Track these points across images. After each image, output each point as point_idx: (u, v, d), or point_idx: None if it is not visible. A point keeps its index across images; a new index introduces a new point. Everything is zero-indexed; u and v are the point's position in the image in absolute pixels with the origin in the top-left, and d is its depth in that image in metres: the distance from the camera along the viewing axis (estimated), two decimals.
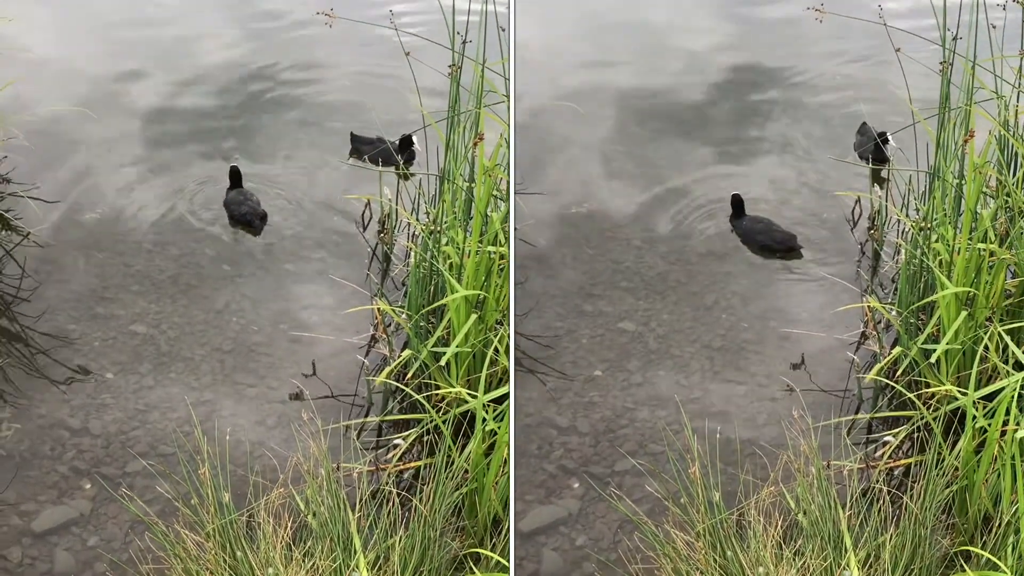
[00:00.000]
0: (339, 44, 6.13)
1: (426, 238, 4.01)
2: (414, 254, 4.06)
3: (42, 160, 5.19)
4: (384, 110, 5.49)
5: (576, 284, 4.35)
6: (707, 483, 3.27)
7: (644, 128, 5.49)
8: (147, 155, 5.33)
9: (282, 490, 3.36)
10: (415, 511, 3.21)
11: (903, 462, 3.58)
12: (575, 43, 6.16)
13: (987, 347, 3.61)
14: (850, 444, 3.63)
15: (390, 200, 4.71)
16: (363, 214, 4.90)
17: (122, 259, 4.59)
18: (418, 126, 4.59)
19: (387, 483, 3.45)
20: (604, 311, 4.21)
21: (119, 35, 6.42)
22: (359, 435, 3.75)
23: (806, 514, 3.20)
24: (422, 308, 3.93)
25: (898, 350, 3.83)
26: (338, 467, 3.52)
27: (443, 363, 3.70)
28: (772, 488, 3.35)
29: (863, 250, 4.62)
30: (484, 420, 3.29)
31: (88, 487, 3.55)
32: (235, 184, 5.04)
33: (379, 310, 4.15)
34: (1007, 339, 3.50)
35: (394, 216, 4.71)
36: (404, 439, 3.65)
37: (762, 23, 6.47)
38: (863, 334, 4.12)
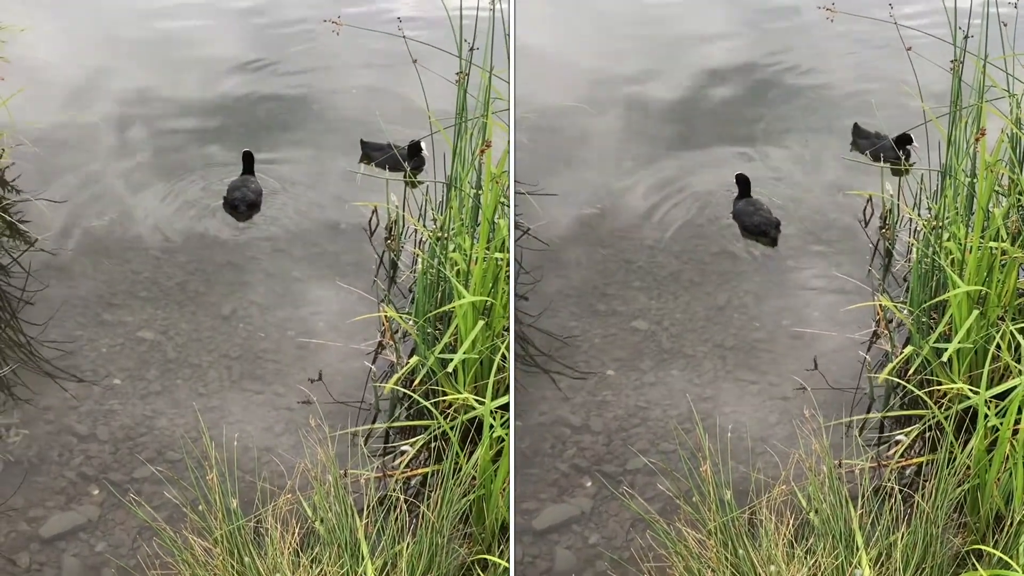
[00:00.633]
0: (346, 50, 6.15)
1: (433, 244, 4.01)
2: (421, 260, 4.06)
3: (50, 166, 5.21)
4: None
5: (590, 283, 4.35)
6: (719, 481, 3.26)
7: (656, 129, 5.48)
8: (154, 161, 5.35)
9: (289, 496, 3.36)
10: (422, 517, 3.20)
11: (915, 461, 3.57)
12: (588, 45, 6.16)
13: (999, 346, 3.59)
14: (862, 443, 3.62)
15: (397, 207, 4.72)
16: (370, 220, 4.91)
17: (129, 266, 4.60)
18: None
19: (394, 489, 3.45)
20: (617, 310, 4.20)
21: (128, 42, 6.46)
22: (366, 441, 3.74)
23: (817, 512, 3.18)
24: (429, 315, 3.93)
25: (910, 349, 3.82)
26: (345, 473, 3.51)
27: (450, 369, 3.70)
28: (783, 487, 3.34)
29: (875, 249, 4.60)
30: (491, 427, 3.28)
31: (96, 493, 3.55)
32: (246, 170, 5.08)
33: (386, 317, 4.15)
34: (1019, 338, 3.49)
35: (401, 223, 4.71)
36: (411, 445, 3.65)
37: (775, 24, 6.46)
38: (875, 333, 4.10)
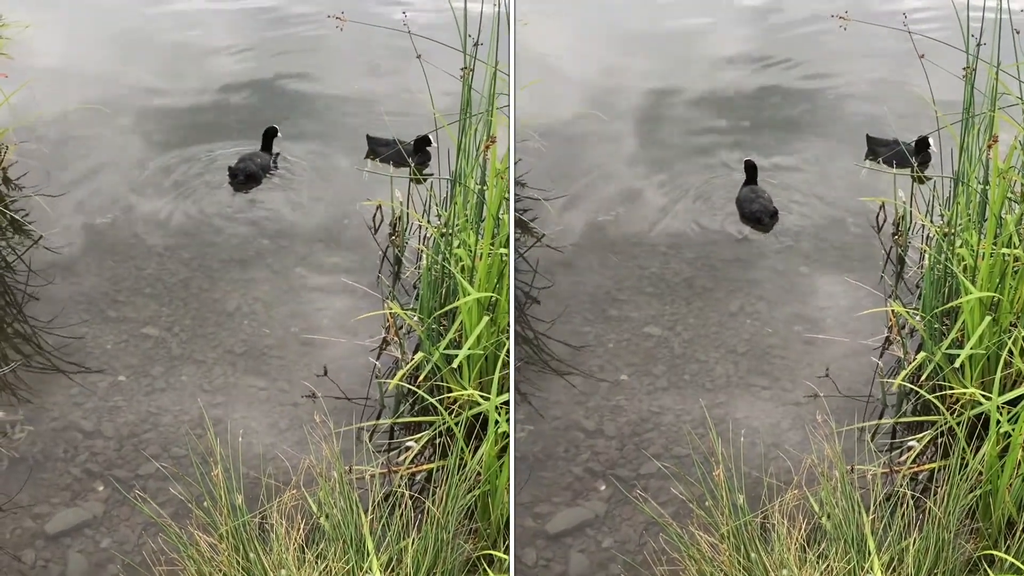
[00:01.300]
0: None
1: (438, 240, 4.00)
2: (426, 257, 4.05)
3: (54, 164, 5.21)
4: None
5: (603, 289, 4.35)
6: (731, 486, 3.26)
7: (669, 136, 5.48)
8: (157, 158, 5.35)
9: (294, 492, 3.35)
10: (428, 513, 3.20)
11: (927, 467, 3.56)
12: (602, 54, 6.16)
13: (1011, 352, 3.59)
14: (874, 448, 3.62)
15: (401, 203, 4.71)
16: (374, 216, 4.90)
17: (134, 262, 4.60)
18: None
19: (399, 485, 3.44)
20: (630, 316, 4.21)
21: (129, 40, 6.46)
22: (371, 437, 3.74)
23: (830, 517, 3.18)
24: (434, 311, 3.92)
25: (922, 355, 3.82)
26: (350, 469, 3.51)
27: (455, 365, 3.69)
28: (796, 491, 3.34)
29: (888, 255, 4.60)
30: (496, 422, 3.28)
31: (101, 489, 3.55)
32: (264, 147, 5.20)
33: (391, 313, 4.14)
34: None
35: (405, 219, 4.71)
36: (416, 441, 3.64)
37: (786, 31, 6.47)
38: (887, 339, 4.11)
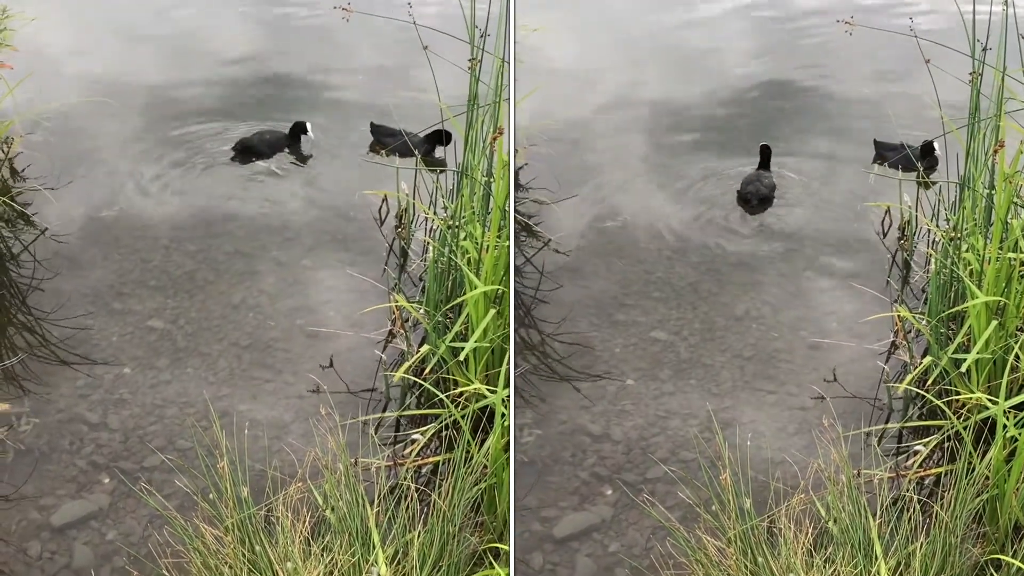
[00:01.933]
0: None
1: (444, 233, 3.99)
2: (432, 249, 4.04)
3: (60, 155, 5.20)
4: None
5: (609, 294, 4.34)
6: (738, 490, 3.25)
7: (676, 142, 5.46)
8: (164, 151, 5.34)
9: (300, 485, 3.35)
10: (434, 506, 3.19)
11: (933, 471, 3.55)
12: (611, 59, 6.14)
13: (1018, 356, 3.58)
14: (880, 453, 3.61)
15: (407, 195, 4.69)
16: (380, 209, 4.89)
17: (139, 255, 4.59)
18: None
19: (405, 478, 3.43)
20: (637, 320, 4.20)
21: (138, 30, 6.44)
22: (377, 430, 3.73)
23: (836, 522, 3.17)
24: (440, 303, 3.91)
25: (928, 359, 3.81)
26: (356, 462, 3.50)
27: (462, 358, 3.68)
28: (802, 496, 3.34)
29: (893, 260, 4.59)
30: (503, 416, 3.27)
31: (107, 481, 3.55)
32: (293, 135, 5.23)
33: (397, 305, 4.13)
34: None
35: (411, 211, 4.69)
36: (422, 434, 3.63)
37: (794, 37, 6.44)
38: (893, 344, 4.10)
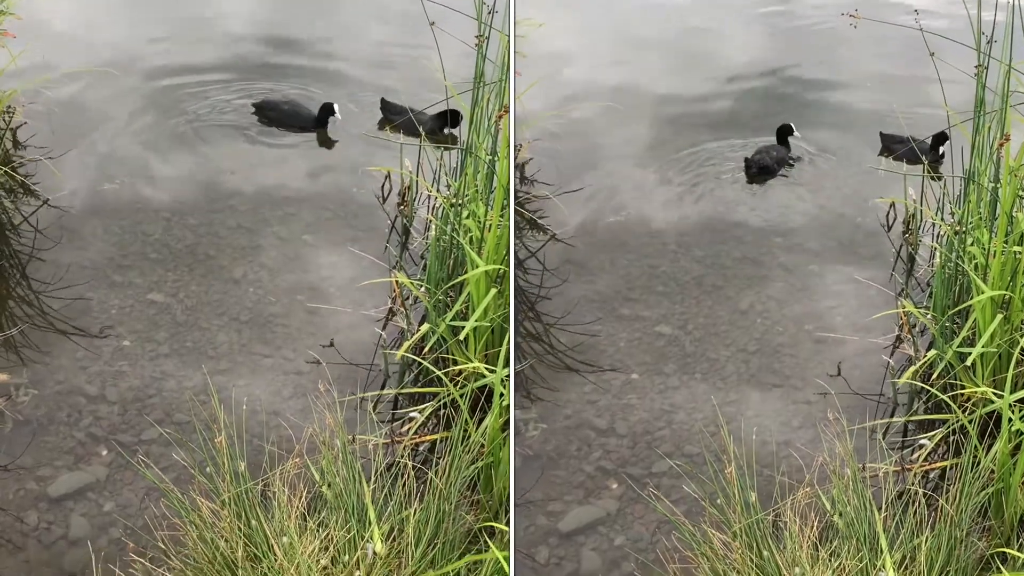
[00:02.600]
0: None
1: (447, 210, 3.96)
2: (434, 227, 4.01)
3: (62, 125, 5.18)
4: None
5: (613, 288, 4.32)
6: (743, 484, 3.24)
7: (681, 135, 5.42)
8: (164, 123, 5.31)
9: (297, 460, 3.35)
10: (430, 484, 3.19)
11: (938, 465, 3.55)
12: (615, 53, 6.09)
13: (1023, 350, 3.55)
14: (885, 447, 3.60)
15: (411, 172, 4.67)
16: (383, 186, 4.86)
17: (140, 227, 4.58)
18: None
19: (402, 456, 3.43)
20: (641, 315, 4.18)
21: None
22: (375, 407, 3.73)
23: (842, 515, 3.17)
24: (441, 281, 3.89)
25: (933, 353, 3.80)
26: (353, 439, 3.50)
27: (462, 337, 3.67)
28: (808, 489, 3.33)
29: (898, 254, 4.56)
30: (501, 395, 3.26)
31: (104, 453, 3.55)
32: (322, 119, 5.15)
33: (397, 283, 4.11)
34: None
35: (414, 188, 4.67)
36: (420, 412, 3.63)
37: (797, 29, 6.39)
38: (898, 338, 4.08)
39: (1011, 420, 3.25)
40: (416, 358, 3.78)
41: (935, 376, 3.76)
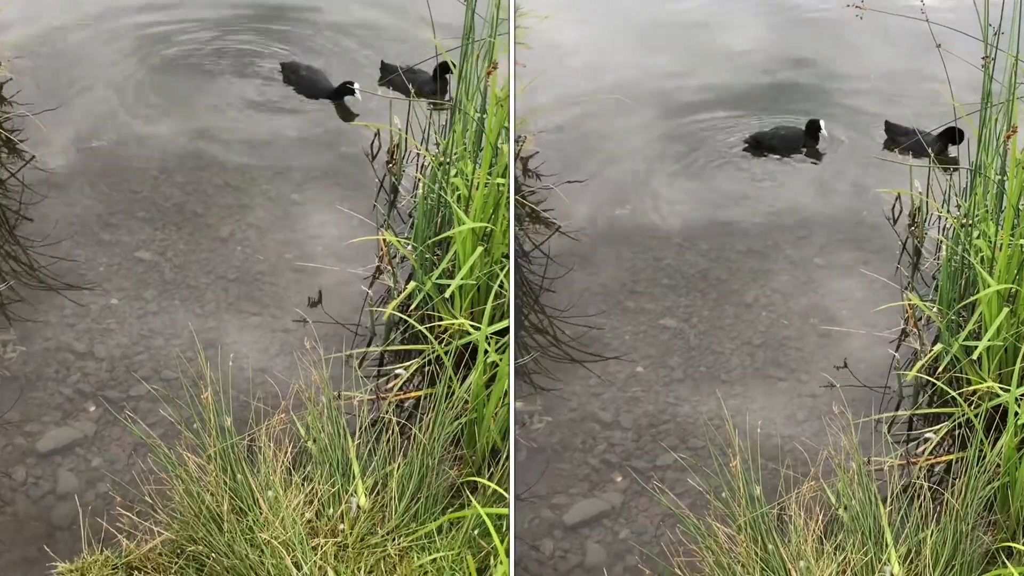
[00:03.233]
0: None
1: (435, 169, 3.95)
2: (422, 185, 4.00)
3: (49, 81, 5.13)
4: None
5: (618, 281, 4.29)
6: (748, 478, 3.24)
7: (686, 127, 5.37)
8: (153, 81, 5.27)
9: (283, 416, 3.37)
10: (414, 439, 3.21)
11: (944, 458, 3.54)
12: (620, 44, 6.01)
13: None
14: (891, 440, 3.60)
15: (400, 130, 4.64)
16: (372, 144, 4.84)
17: (128, 185, 4.56)
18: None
19: (387, 412, 3.45)
20: (646, 308, 4.16)
21: None
22: (361, 364, 3.74)
23: (847, 509, 3.17)
24: (428, 240, 3.89)
25: (939, 347, 3.78)
26: (339, 395, 3.52)
27: (447, 295, 3.67)
28: (813, 483, 3.32)
29: (904, 247, 4.53)
30: (486, 352, 3.27)
31: (92, 409, 3.57)
32: (339, 96, 5.03)
33: (384, 241, 4.11)
34: None
35: (403, 146, 4.64)
36: (405, 369, 3.64)
37: (803, 21, 6.31)
38: (904, 331, 4.06)
39: (1017, 414, 3.22)
40: (402, 315, 3.79)
41: (941, 370, 3.75)
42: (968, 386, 3.64)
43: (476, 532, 3.00)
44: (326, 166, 4.74)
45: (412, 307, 3.80)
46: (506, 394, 3.26)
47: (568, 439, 3.64)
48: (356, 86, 4.96)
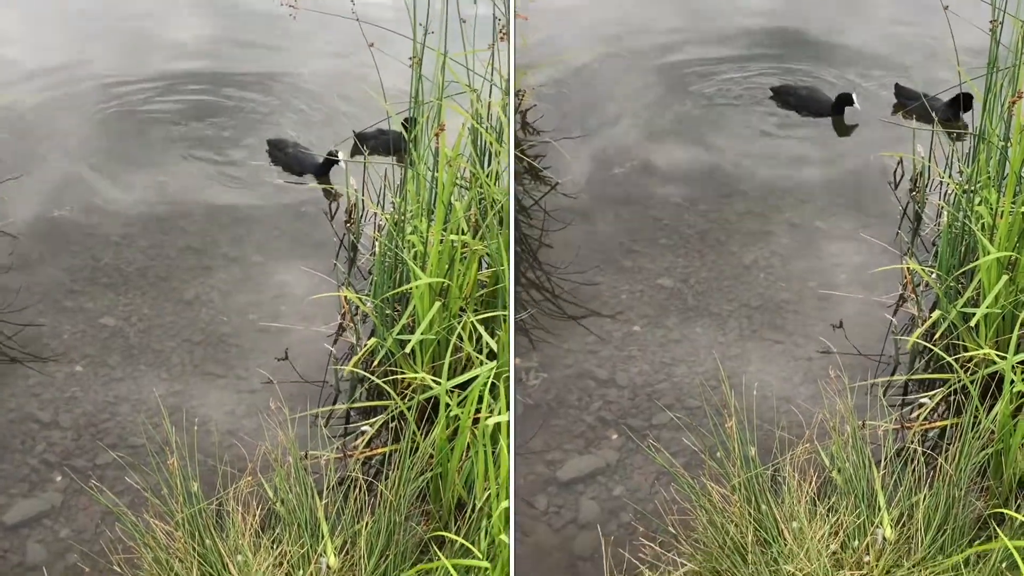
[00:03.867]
0: None
1: (391, 228, 4.05)
2: (379, 244, 4.10)
3: (9, 151, 5.18)
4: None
5: (616, 240, 4.26)
6: (743, 438, 3.23)
7: (687, 88, 5.34)
8: (112, 148, 5.34)
9: (250, 479, 3.41)
10: (381, 496, 3.27)
11: (938, 424, 3.53)
12: (617, 9, 5.98)
13: None
14: (886, 405, 3.58)
15: (356, 190, 4.75)
16: (331, 204, 4.93)
17: (90, 252, 4.61)
18: None
19: (354, 469, 3.51)
20: (644, 267, 4.14)
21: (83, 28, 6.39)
22: (327, 423, 3.80)
23: (840, 472, 3.17)
24: (387, 296, 3.98)
25: (937, 313, 3.77)
26: (306, 455, 3.57)
27: (408, 350, 3.76)
28: (807, 445, 3.32)
29: (904, 212, 4.52)
30: (447, 406, 3.35)
31: (59, 479, 3.59)
32: (325, 171, 5.01)
33: (346, 299, 4.19)
34: None
35: (360, 206, 4.75)
36: (371, 425, 3.71)
37: None
38: (902, 296, 4.05)
39: (1013, 382, 3.22)
40: (364, 373, 3.86)
41: (938, 336, 3.73)
42: (965, 352, 3.64)
43: None
44: (286, 226, 4.82)
45: (375, 363, 3.88)
46: (470, 447, 3.33)
47: (563, 395, 3.62)
48: (340, 155, 4.98)
